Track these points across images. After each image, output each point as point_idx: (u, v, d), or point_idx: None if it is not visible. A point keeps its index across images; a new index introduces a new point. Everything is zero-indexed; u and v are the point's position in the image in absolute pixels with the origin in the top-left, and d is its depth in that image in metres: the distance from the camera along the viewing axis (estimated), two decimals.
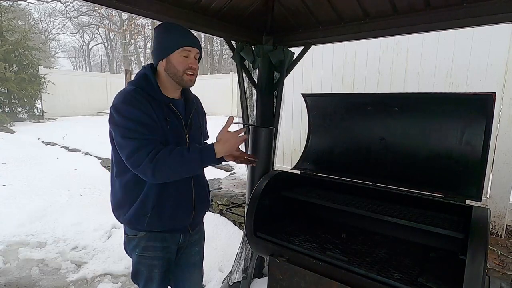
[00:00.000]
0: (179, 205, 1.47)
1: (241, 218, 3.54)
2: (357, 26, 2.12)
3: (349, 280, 1.44)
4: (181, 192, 1.47)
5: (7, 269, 3.06)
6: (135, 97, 1.32)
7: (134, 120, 1.28)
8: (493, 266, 2.44)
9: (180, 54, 1.37)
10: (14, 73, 11.92)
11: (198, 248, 1.69)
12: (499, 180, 3.01)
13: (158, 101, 1.37)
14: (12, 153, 7.43)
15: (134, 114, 1.28)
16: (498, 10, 1.64)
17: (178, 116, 1.44)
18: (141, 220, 1.41)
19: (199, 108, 1.62)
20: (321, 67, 4.31)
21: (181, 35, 1.40)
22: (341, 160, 2.11)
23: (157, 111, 1.34)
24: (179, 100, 1.49)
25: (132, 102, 1.30)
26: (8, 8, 13.16)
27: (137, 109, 1.29)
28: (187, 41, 1.39)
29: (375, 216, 1.65)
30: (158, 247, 1.48)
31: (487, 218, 1.29)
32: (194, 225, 1.60)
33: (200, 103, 1.67)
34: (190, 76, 1.40)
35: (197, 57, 1.43)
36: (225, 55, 25.19)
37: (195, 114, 1.56)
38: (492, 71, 3.01)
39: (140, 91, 1.35)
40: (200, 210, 1.59)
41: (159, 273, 1.50)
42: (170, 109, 1.41)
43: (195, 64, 1.41)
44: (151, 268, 1.49)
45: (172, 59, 1.37)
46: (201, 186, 1.58)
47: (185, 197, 1.49)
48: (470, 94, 1.69)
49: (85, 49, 34.45)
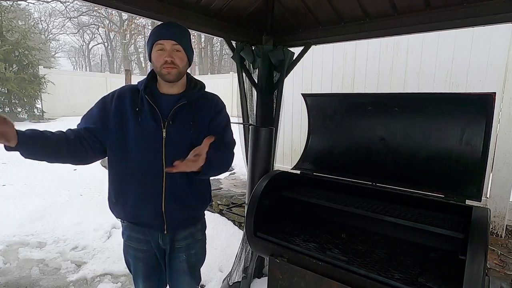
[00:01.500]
0: (142, 199, 1.43)
1: (241, 218, 3.54)
2: (357, 26, 2.12)
3: (349, 280, 1.44)
4: (145, 186, 1.42)
5: (7, 269, 3.06)
6: (114, 91, 1.46)
7: (92, 109, 1.45)
8: (493, 266, 2.44)
9: (155, 50, 1.37)
10: (14, 73, 11.91)
11: (186, 255, 1.56)
12: (499, 180, 3.01)
13: (140, 95, 1.42)
14: (12, 153, 7.41)
15: (96, 107, 1.45)
16: (498, 10, 1.64)
17: (154, 110, 1.39)
18: (112, 207, 1.51)
19: (201, 108, 1.48)
20: (321, 67, 4.31)
21: (154, 32, 1.39)
22: (341, 160, 2.11)
23: (134, 104, 1.41)
24: (171, 95, 1.45)
25: (107, 95, 1.46)
26: (8, 8, 13.15)
27: (101, 101, 1.45)
28: (158, 35, 1.37)
29: (375, 216, 1.65)
30: (142, 240, 1.51)
31: (487, 218, 1.29)
32: (171, 226, 1.48)
33: (211, 103, 1.52)
34: (167, 69, 1.36)
35: (176, 48, 1.37)
36: (225, 55, 25.18)
37: (188, 112, 1.43)
38: (492, 71, 3.01)
39: (129, 87, 1.48)
40: (176, 211, 1.46)
41: (144, 267, 1.54)
42: (146, 101, 1.40)
43: (170, 57, 1.35)
44: (137, 260, 1.54)
45: (152, 57, 1.39)
46: (178, 186, 1.44)
47: (149, 193, 1.42)
48: (470, 94, 1.70)
49: (85, 49, 34.44)
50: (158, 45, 1.36)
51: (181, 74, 1.42)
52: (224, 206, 3.82)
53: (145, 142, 1.39)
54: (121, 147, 1.41)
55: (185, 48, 1.40)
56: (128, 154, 1.41)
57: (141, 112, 1.39)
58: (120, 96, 1.43)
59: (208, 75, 18.03)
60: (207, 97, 1.54)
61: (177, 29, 1.41)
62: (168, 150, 1.40)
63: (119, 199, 1.46)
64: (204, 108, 1.49)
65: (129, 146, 1.40)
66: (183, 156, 1.30)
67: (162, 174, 1.41)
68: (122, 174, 1.44)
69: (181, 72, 1.41)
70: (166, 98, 1.44)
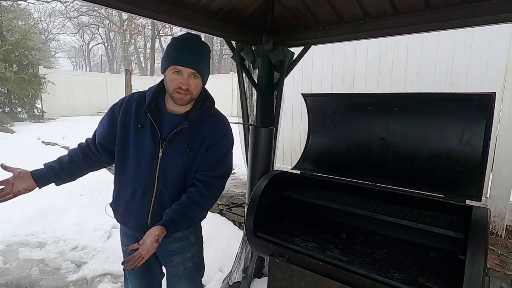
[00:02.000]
0: (129, 211, 1.50)
1: (241, 218, 3.54)
2: (357, 26, 2.12)
3: (349, 280, 1.44)
4: (133, 199, 1.45)
5: (7, 269, 3.06)
6: (123, 100, 1.48)
7: (103, 119, 1.51)
8: (493, 266, 2.44)
9: (171, 71, 1.33)
10: (14, 73, 11.91)
11: (181, 258, 1.55)
12: (499, 180, 3.01)
13: (144, 108, 1.41)
14: (12, 153, 7.42)
15: (105, 117, 1.50)
16: (498, 10, 1.63)
17: (154, 128, 1.39)
18: (111, 205, 1.58)
19: (201, 131, 1.43)
20: (321, 67, 4.31)
21: (175, 52, 1.32)
22: (341, 160, 2.11)
23: (137, 118, 1.42)
24: (175, 115, 1.42)
25: (114, 107, 1.49)
26: (8, 8, 13.16)
27: (111, 110, 1.48)
28: (177, 60, 1.31)
29: (375, 216, 1.65)
30: (132, 237, 1.53)
31: (487, 218, 1.29)
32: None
33: (213, 127, 1.46)
34: (180, 95, 1.33)
35: (194, 75, 1.33)
36: (225, 55, 25.19)
37: (182, 135, 1.40)
38: (492, 71, 3.01)
39: (137, 96, 1.47)
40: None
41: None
42: (149, 120, 1.39)
43: (185, 85, 1.31)
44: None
45: (166, 75, 1.36)
46: (165, 206, 1.42)
47: (137, 207, 1.46)
48: (470, 94, 1.69)
49: (85, 49, 34.47)
50: (175, 69, 1.32)
51: (192, 100, 1.40)
52: (224, 206, 3.82)
53: (142, 159, 1.42)
54: (123, 156, 1.45)
55: (202, 75, 1.37)
56: (127, 164, 1.45)
57: (143, 130, 1.40)
58: (127, 108, 1.44)
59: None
60: (213, 119, 1.48)
61: (199, 54, 1.35)
62: (161, 171, 1.42)
63: (115, 199, 1.56)
64: (205, 131, 1.44)
65: (129, 157, 1.44)
66: (174, 179, 1.42)
67: (152, 194, 1.44)
68: (121, 180, 1.51)
69: (193, 98, 1.39)
70: (170, 117, 1.42)
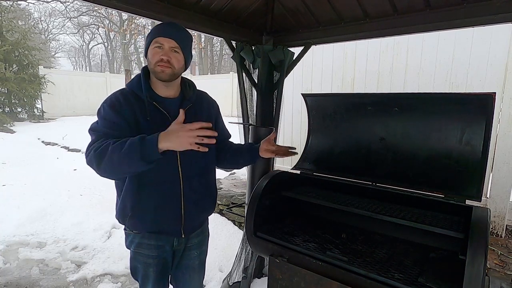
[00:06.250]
0: (162, 207, 1.41)
1: (241, 218, 3.54)
2: (357, 26, 2.12)
3: (349, 280, 1.44)
4: (164, 194, 1.40)
5: (7, 269, 3.06)
6: (118, 98, 1.33)
7: (107, 119, 1.30)
8: (493, 266, 2.44)
9: (153, 47, 1.33)
10: (14, 73, 11.92)
11: (198, 252, 1.62)
12: (499, 180, 3.01)
13: (143, 101, 1.35)
14: (12, 153, 7.43)
15: (109, 115, 1.30)
16: (498, 10, 1.64)
17: (165, 116, 1.35)
18: (125, 220, 1.44)
19: (203, 108, 1.52)
20: (321, 67, 4.31)
21: (155, 29, 1.35)
22: (341, 160, 2.11)
23: (142, 112, 1.33)
24: (173, 99, 1.42)
25: (112, 103, 1.32)
26: (8, 8, 13.16)
27: (113, 111, 1.30)
28: (158, 32, 1.33)
29: (375, 216, 1.65)
30: (153, 246, 1.48)
31: (487, 218, 1.29)
32: (188, 229, 1.52)
33: (208, 101, 1.57)
34: (162, 67, 1.31)
35: (174, 49, 1.33)
36: (225, 55, 25.18)
37: (194, 114, 1.43)
38: (492, 71, 3.01)
39: (127, 92, 1.37)
40: (194, 215, 1.51)
41: (155, 272, 1.50)
42: (155, 108, 1.35)
43: (166, 56, 1.31)
44: (147, 266, 1.50)
45: (148, 54, 1.35)
46: (194, 190, 1.46)
47: (170, 200, 1.42)
48: (470, 94, 1.69)
49: (85, 49, 34.46)
50: (157, 42, 1.32)
51: (175, 76, 1.37)
52: (224, 206, 3.82)
53: None
54: None
55: (183, 50, 1.37)
56: None
57: (154, 121, 1.33)
58: (125, 106, 1.32)
59: (208, 75, 18.04)
60: (202, 96, 1.57)
61: (179, 30, 1.38)
62: (182, 155, 1.39)
63: (136, 211, 1.40)
64: (204, 107, 1.52)
65: None
66: (196, 160, 1.40)
67: (180, 181, 1.42)
68: (138, 185, 1.38)
69: (176, 73, 1.37)
70: (170, 102, 1.41)
